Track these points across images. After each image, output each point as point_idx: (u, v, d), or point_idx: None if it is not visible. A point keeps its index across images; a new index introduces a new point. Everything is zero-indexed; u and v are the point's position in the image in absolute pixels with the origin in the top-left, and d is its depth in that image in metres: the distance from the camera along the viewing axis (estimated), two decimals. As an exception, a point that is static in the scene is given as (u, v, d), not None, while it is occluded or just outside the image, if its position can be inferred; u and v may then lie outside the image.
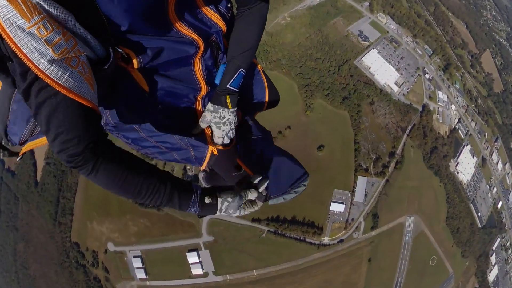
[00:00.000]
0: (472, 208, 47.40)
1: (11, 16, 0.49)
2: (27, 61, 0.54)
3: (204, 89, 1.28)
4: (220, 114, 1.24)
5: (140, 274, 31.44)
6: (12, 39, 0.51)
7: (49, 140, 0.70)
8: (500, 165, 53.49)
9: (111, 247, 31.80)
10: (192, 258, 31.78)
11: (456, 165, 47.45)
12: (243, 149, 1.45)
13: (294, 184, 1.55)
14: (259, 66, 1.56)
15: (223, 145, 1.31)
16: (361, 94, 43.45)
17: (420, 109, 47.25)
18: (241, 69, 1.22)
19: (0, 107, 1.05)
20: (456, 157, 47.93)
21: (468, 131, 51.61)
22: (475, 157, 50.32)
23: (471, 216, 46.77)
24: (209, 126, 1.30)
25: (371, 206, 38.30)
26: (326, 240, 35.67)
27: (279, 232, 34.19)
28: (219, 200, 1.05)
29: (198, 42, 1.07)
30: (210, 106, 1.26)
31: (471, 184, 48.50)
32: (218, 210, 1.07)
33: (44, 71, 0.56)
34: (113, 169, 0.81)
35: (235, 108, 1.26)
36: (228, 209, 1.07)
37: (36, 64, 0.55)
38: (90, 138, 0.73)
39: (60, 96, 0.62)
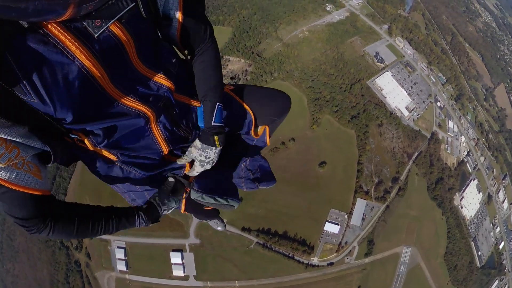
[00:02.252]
0: (473, 246, 41.01)
1: None
2: None
3: (165, 150, 1.17)
4: (207, 153, 1.19)
5: (121, 266, 28.26)
6: None
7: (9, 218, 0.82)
8: (506, 204, 46.69)
9: (97, 234, 28.63)
10: (175, 258, 28.15)
11: (461, 199, 41.37)
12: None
13: (222, 196, 1.36)
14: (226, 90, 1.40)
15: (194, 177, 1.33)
16: (371, 115, 38.55)
17: (429, 136, 41.77)
18: (217, 103, 1.15)
19: None
20: (462, 191, 41.90)
21: (476, 165, 45.44)
22: (481, 193, 44.03)
23: (471, 254, 40.37)
24: (191, 161, 1.26)
25: (368, 231, 33.10)
26: (315, 260, 30.83)
27: (268, 246, 29.77)
28: (151, 199, 1.17)
29: (146, 112, 0.96)
30: (198, 143, 1.19)
31: (474, 221, 42.14)
32: (156, 205, 1.15)
33: None
34: (64, 227, 0.89)
35: (221, 147, 1.21)
36: (161, 201, 1.16)
37: None
38: (37, 214, 0.82)
39: (10, 190, 0.73)
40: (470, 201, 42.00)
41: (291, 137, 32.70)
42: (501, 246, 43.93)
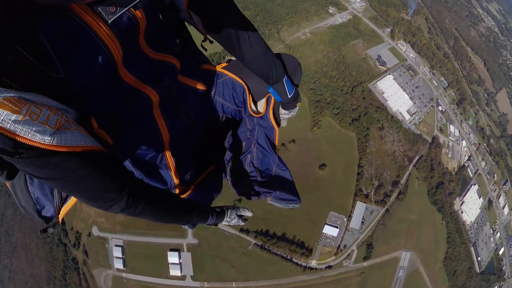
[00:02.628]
0: (473, 251, 40.08)
1: (5, 116, 0.51)
2: (34, 144, 0.55)
3: (166, 137, 1.14)
4: (294, 112, 1.42)
5: (118, 265, 27.68)
6: (14, 133, 0.52)
7: (82, 201, 0.75)
8: (506, 210, 45.70)
9: (95, 231, 28.29)
10: (172, 258, 27.55)
11: (461, 204, 40.46)
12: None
13: (286, 200, 1.44)
14: (217, 68, 1.38)
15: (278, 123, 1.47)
16: (372, 118, 37.80)
17: (430, 140, 40.92)
18: (284, 79, 1.22)
19: (23, 199, 1.03)
20: (462, 196, 40.99)
21: (477, 170, 44.50)
22: (481, 198, 43.09)
23: (471, 259, 39.46)
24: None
25: (367, 234, 32.34)
26: (313, 263, 30.12)
27: (266, 247, 29.12)
28: (225, 209, 1.30)
29: (150, 95, 0.96)
30: (285, 112, 1.41)
31: (474, 226, 41.22)
32: (225, 215, 1.27)
33: (51, 144, 0.57)
34: (150, 208, 0.85)
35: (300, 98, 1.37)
36: (231, 215, 1.30)
37: (43, 142, 0.56)
38: (116, 185, 0.72)
39: (75, 154, 0.62)
40: (470, 206, 41.10)
41: (292, 139, 32.06)
42: (501, 252, 42.96)
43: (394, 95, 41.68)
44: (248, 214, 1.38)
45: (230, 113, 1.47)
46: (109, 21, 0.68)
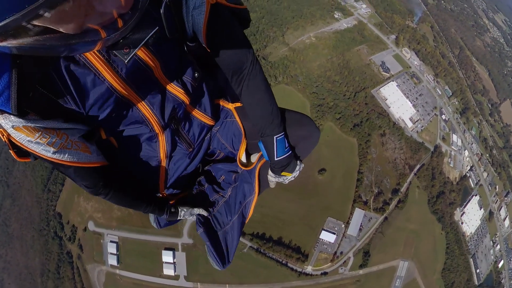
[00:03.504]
0: (472, 263, 38.06)
1: (21, 137, 0.75)
2: (40, 155, 0.80)
3: (163, 160, 1.19)
4: (283, 179, 1.26)
5: (112, 261, 26.78)
6: (27, 147, 0.77)
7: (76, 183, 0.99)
8: (507, 222, 43.47)
9: (91, 226, 27.51)
10: (167, 257, 26.44)
11: (462, 215, 38.51)
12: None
13: (211, 254, 1.37)
14: (230, 106, 1.32)
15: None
16: (373, 124, 36.18)
17: (432, 149, 39.07)
18: (275, 137, 1.11)
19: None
20: (463, 206, 39.02)
21: (479, 180, 42.44)
22: (482, 209, 41.02)
23: (469, 271, 37.45)
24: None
25: (364, 242, 30.75)
26: (309, 269, 28.67)
27: (261, 251, 27.79)
28: (179, 209, 1.33)
29: (153, 124, 1.02)
30: (272, 175, 1.25)
31: (474, 237, 39.18)
32: (178, 216, 1.33)
33: (51, 158, 0.81)
34: (119, 196, 1.07)
35: (297, 171, 1.25)
36: (184, 215, 1.34)
37: (46, 156, 0.80)
38: (94, 182, 0.98)
39: (67, 166, 0.87)
40: (471, 217, 39.10)
41: (292, 142, 30.65)
42: (500, 265, 40.80)
43: (397, 102, 39.98)
44: (204, 213, 1.36)
45: (227, 153, 1.43)
46: (126, 61, 0.79)
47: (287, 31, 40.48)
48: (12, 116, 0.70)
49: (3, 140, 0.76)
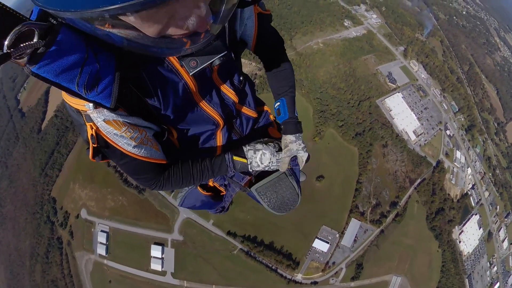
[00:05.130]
0: (467, 283, 34.89)
1: (109, 130, 0.77)
2: (121, 149, 0.82)
3: (218, 151, 1.22)
4: (301, 139, 1.20)
5: (101, 250, 25.25)
6: (112, 140, 0.79)
7: (135, 180, 1.00)
8: (506, 244, 39.92)
9: (83, 213, 26.08)
10: (155, 251, 24.65)
11: (460, 233, 35.35)
12: None
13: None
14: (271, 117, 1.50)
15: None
16: (376, 134, 33.50)
17: (434, 164, 36.06)
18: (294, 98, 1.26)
19: None
20: (462, 225, 35.87)
21: (480, 199, 39.10)
22: (481, 229, 37.70)
23: (464, 292, 34.20)
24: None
25: (358, 254, 28.16)
26: (299, 277, 26.31)
27: (252, 254, 25.61)
28: (246, 146, 1.14)
29: (218, 120, 1.07)
30: (291, 137, 1.18)
31: (471, 257, 35.91)
32: (246, 151, 1.11)
33: (131, 152, 0.84)
34: (173, 179, 1.03)
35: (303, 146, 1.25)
36: (250, 143, 1.14)
37: (126, 150, 0.82)
38: (156, 176, 0.98)
39: (140, 160, 0.89)
40: (469, 236, 35.89)
41: (291, 146, 28.40)
42: (496, 287, 37.36)
43: (402, 113, 37.14)
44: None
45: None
46: (190, 74, 0.84)
47: (295, 35, 38.31)
48: (105, 110, 0.73)
49: (90, 133, 0.76)
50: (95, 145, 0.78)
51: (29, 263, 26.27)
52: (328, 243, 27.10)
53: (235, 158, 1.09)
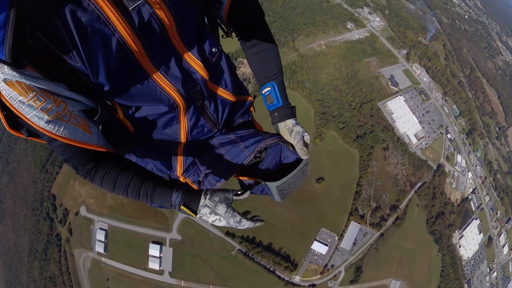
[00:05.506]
0: (466, 288, 34.08)
1: (13, 95, 0.57)
2: (31, 123, 0.61)
3: (184, 140, 0.94)
4: (299, 124, 1.01)
5: (100, 248, 24.83)
6: (17, 109, 0.59)
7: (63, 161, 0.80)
8: (506, 249, 39.16)
9: (83, 211, 25.66)
10: (153, 250, 24.27)
11: (460, 238, 34.69)
12: None
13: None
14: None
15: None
16: (377, 137, 32.95)
17: (435, 168, 35.44)
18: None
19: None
20: (462, 229, 35.19)
21: (480, 204, 38.42)
22: (481, 234, 37.00)
23: (463, 297, 33.52)
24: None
25: (357, 257, 27.61)
26: (297, 279, 25.80)
27: (250, 255, 25.14)
28: (204, 189, 0.83)
29: (176, 98, 0.79)
30: (292, 120, 1.00)
31: (471, 262, 35.22)
32: (203, 194, 0.80)
33: (44, 128, 0.62)
34: (105, 179, 0.79)
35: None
36: (213, 196, 0.79)
37: (37, 125, 0.61)
38: (85, 165, 0.77)
39: (60, 142, 0.69)
40: (469, 241, 35.20)
41: (292, 147, 27.93)
42: (495, 293, 36.60)
43: (403, 117, 36.56)
44: (245, 195, 0.84)
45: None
46: (130, 8, 0.61)
47: (298, 37, 37.87)
48: (5, 66, 0.53)
49: None
50: (2, 115, 0.60)
51: (28, 259, 26.00)
52: (327, 245, 26.57)
53: (183, 208, 0.78)
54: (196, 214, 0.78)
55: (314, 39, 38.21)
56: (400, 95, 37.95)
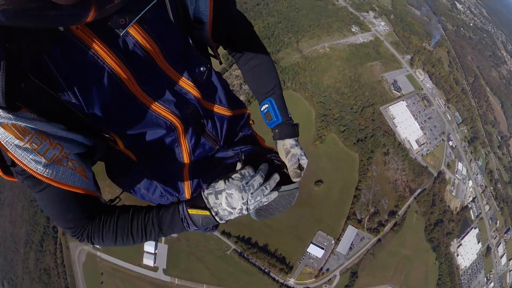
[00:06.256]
0: (462, 298, 32.97)
1: (9, 139, 0.53)
2: (27, 169, 0.56)
3: (187, 161, 0.90)
4: (299, 143, 0.94)
5: (95, 243, 24.00)
6: (13, 155, 0.55)
7: (57, 223, 0.70)
8: (504, 260, 37.92)
9: (81, 205, 24.79)
10: (148, 247, 23.62)
11: (458, 247, 33.59)
12: None
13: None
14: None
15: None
16: (378, 142, 32.01)
17: (435, 175, 34.39)
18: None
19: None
20: (460, 238, 34.11)
21: (480, 213, 37.27)
22: (480, 244, 35.84)
23: (459, 307, 32.45)
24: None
25: (353, 262, 26.73)
26: (291, 281, 25.00)
27: (245, 255, 24.41)
28: (205, 190, 0.74)
29: (173, 121, 0.77)
30: (291, 140, 0.92)
31: (468, 272, 34.10)
32: (205, 199, 0.71)
33: (41, 174, 0.57)
34: (106, 236, 0.70)
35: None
36: (218, 190, 0.70)
37: (34, 170, 0.57)
38: (81, 219, 0.68)
39: (56, 189, 0.62)
40: (467, 250, 34.08)
41: (291, 148, 27.11)
42: (492, 303, 35.46)
43: (405, 122, 35.55)
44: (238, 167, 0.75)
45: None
46: (121, 34, 0.60)
47: (302, 38, 37.07)
48: (0, 110, 0.51)
49: None
50: None
51: (24, 250, 25.62)
52: (323, 249, 25.72)
53: (191, 211, 0.71)
54: (207, 209, 0.70)
55: (318, 41, 37.39)
56: (403, 100, 36.97)
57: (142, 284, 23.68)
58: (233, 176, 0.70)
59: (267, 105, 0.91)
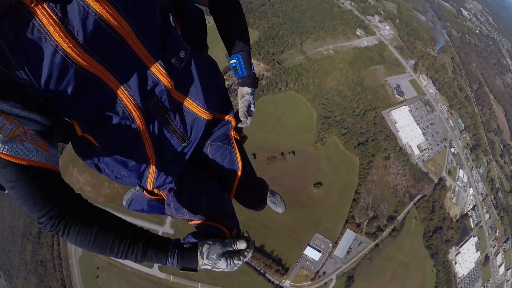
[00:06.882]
0: (459, 306, 32.15)
1: None
2: None
3: (152, 158, 0.86)
4: (255, 95, 1.05)
5: (92, 238, 23.64)
6: None
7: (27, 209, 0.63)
8: (502, 269, 36.96)
9: (79, 198, 24.54)
10: (145, 244, 23.09)
11: (456, 254, 32.73)
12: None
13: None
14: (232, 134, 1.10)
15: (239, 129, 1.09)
16: (379, 146, 31.27)
17: (436, 181, 33.58)
18: (250, 52, 1.04)
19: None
20: (459, 246, 33.24)
21: (479, 221, 36.34)
22: (478, 252, 34.90)
23: (455, 315, 31.59)
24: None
25: (350, 266, 26.07)
26: (287, 283, 24.41)
27: (241, 256, 23.79)
28: (199, 243, 0.75)
29: (132, 112, 0.71)
30: (248, 89, 1.03)
31: (465, 280, 33.26)
32: (199, 253, 0.74)
33: (1, 151, 0.53)
34: (82, 231, 0.64)
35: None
36: (210, 253, 0.74)
37: None
38: (52, 204, 0.61)
39: (19, 166, 0.56)
40: (465, 258, 33.20)
41: (292, 150, 26.54)
42: (488, 313, 34.53)
43: (407, 127, 34.75)
44: (241, 246, 0.77)
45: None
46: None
47: (306, 40, 36.42)
48: None
49: None
50: None
51: (21, 241, 25.38)
52: (320, 252, 25.09)
53: (182, 270, 0.76)
54: (196, 270, 0.75)
55: (322, 43, 36.71)
56: (405, 105, 36.17)
57: (137, 280, 23.30)
58: (235, 262, 0.75)
59: (235, 60, 0.98)
